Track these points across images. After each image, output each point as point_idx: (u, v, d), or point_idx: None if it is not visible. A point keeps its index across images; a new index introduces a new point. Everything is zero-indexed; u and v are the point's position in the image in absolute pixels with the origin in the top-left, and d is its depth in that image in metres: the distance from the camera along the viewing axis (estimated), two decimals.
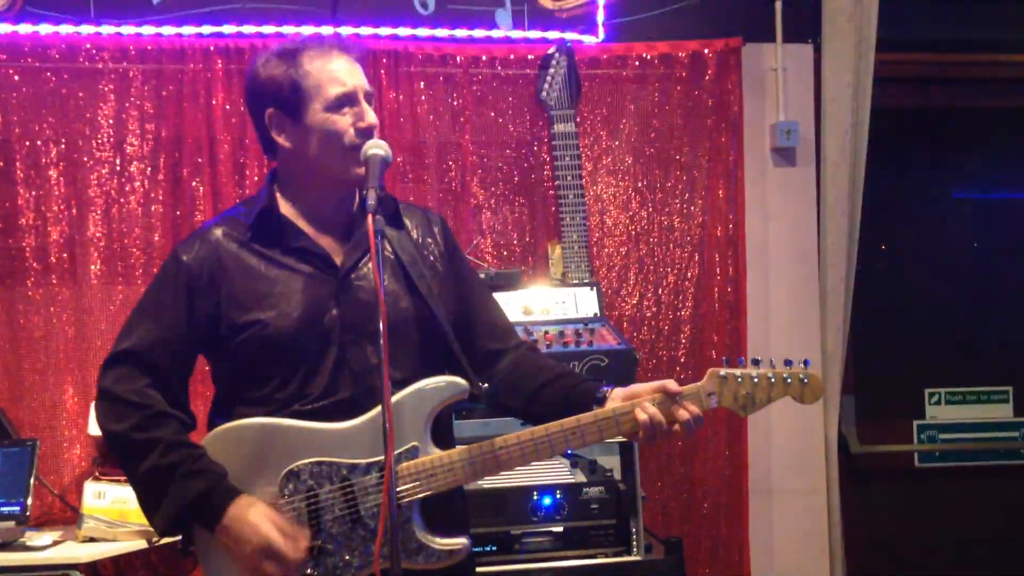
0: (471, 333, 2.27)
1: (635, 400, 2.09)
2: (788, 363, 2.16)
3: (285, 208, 2.22)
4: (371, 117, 2.16)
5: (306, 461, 2.08)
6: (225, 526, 2.03)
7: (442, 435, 2.16)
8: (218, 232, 2.20)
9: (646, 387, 2.12)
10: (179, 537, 2.16)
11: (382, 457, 2.01)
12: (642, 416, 2.07)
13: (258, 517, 2.02)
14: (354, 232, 2.20)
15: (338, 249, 2.19)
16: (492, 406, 2.26)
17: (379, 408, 2.01)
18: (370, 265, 2.08)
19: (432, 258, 2.26)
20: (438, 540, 2.07)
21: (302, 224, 2.20)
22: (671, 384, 2.10)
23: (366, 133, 2.14)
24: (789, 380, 2.14)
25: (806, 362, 2.16)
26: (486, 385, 2.16)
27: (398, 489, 2.03)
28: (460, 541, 2.09)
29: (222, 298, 2.13)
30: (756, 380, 2.13)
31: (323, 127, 2.14)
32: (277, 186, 2.25)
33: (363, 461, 2.07)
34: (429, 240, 2.28)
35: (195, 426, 2.20)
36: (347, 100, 2.15)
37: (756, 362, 2.16)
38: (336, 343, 2.11)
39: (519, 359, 2.27)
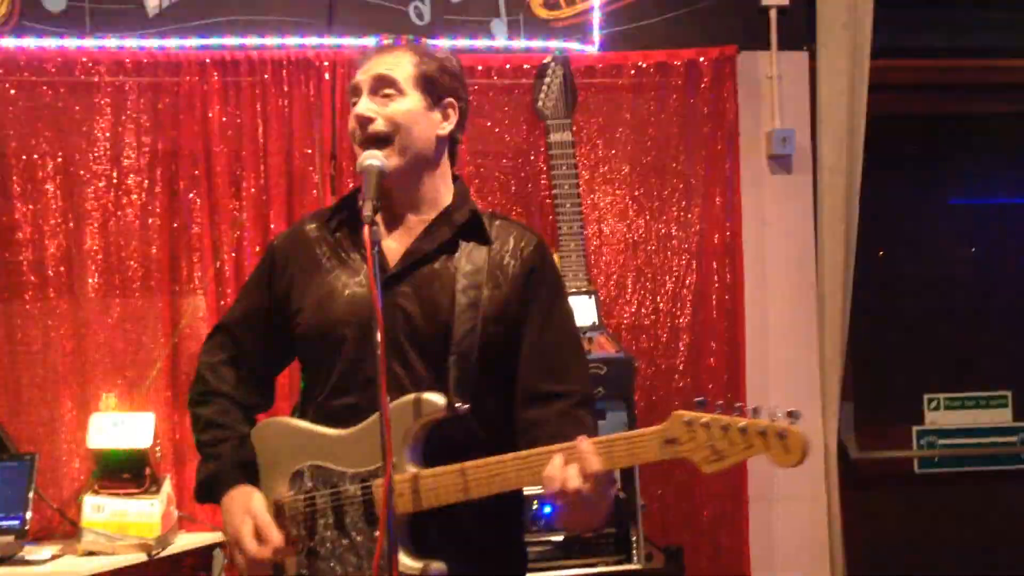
0: (517, 364, 2.12)
1: (550, 449, 1.91)
2: (791, 414, 1.79)
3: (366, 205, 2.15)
4: (358, 107, 2.11)
5: (308, 463, 2.11)
6: (222, 508, 2.14)
7: (452, 457, 2.02)
8: (309, 221, 2.26)
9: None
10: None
11: (364, 469, 2.03)
12: (545, 471, 1.89)
13: (238, 508, 2.09)
14: (423, 237, 2.14)
15: (399, 252, 2.14)
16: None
17: (373, 418, 2.00)
18: (421, 271, 2.11)
19: (501, 276, 2.13)
20: (403, 560, 1.96)
21: (380, 222, 2.12)
22: (581, 442, 1.88)
23: (361, 123, 2.11)
24: (764, 434, 1.78)
25: (794, 414, 1.78)
26: (466, 406, 2.04)
27: (373, 503, 2.02)
28: (416, 565, 1.96)
29: (289, 285, 2.20)
30: (726, 429, 1.79)
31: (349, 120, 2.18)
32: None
33: (350, 471, 2.06)
34: (509, 259, 2.14)
35: (266, 407, 2.30)
36: (354, 93, 2.15)
37: (737, 408, 1.81)
38: (355, 345, 2.08)
39: (551, 415, 2.08)
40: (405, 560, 1.97)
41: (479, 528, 2.08)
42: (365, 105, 2.11)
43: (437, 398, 2.01)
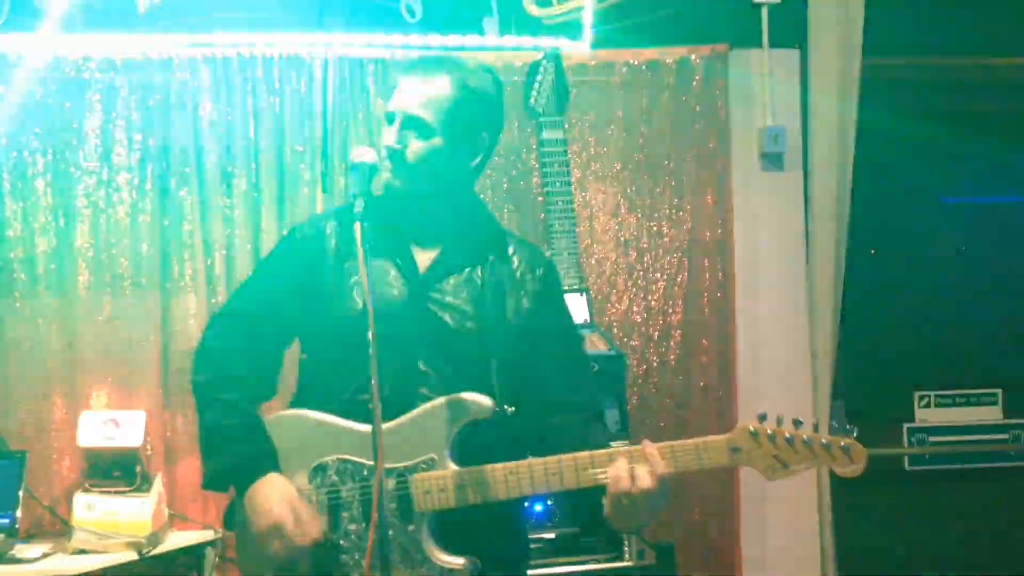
0: (535, 378, 2.24)
1: (615, 451, 2.06)
2: (832, 429, 1.98)
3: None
4: (386, 139, 2.18)
5: (334, 457, 2.14)
6: (251, 494, 2.11)
7: (488, 457, 2.13)
8: (332, 215, 2.29)
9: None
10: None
11: (401, 464, 2.09)
12: (610, 470, 2.03)
13: (278, 495, 2.09)
14: (452, 249, 2.24)
15: (428, 260, 2.23)
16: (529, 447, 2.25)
17: (408, 415, 2.10)
18: (451, 282, 2.20)
19: (523, 293, 2.26)
20: (440, 555, 2.08)
21: (407, 226, 2.25)
22: (648, 446, 2.04)
23: (387, 153, 2.18)
24: (828, 447, 1.96)
25: (851, 430, 1.98)
26: (511, 409, 2.15)
27: (410, 498, 2.09)
28: (459, 561, 2.08)
29: (313, 277, 2.22)
30: (790, 440, 1.97)
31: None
32: None
33: (385, 466, 2.07)
34: (529, 277, 2.28)
35: (270, 396, 2.29)
36: (389, 118, 2.21)
37: (798, 423, 1.97)
38: (393, 341, 2.10)
39: (571, 425, 2.22)
40: (441, 555, 2.07)
41: (494, 523, 2.17)
42: (394, 136, 2.18)
43: (484, 399, 2.10)
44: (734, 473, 4.01)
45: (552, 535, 3.15)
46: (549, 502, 3.16)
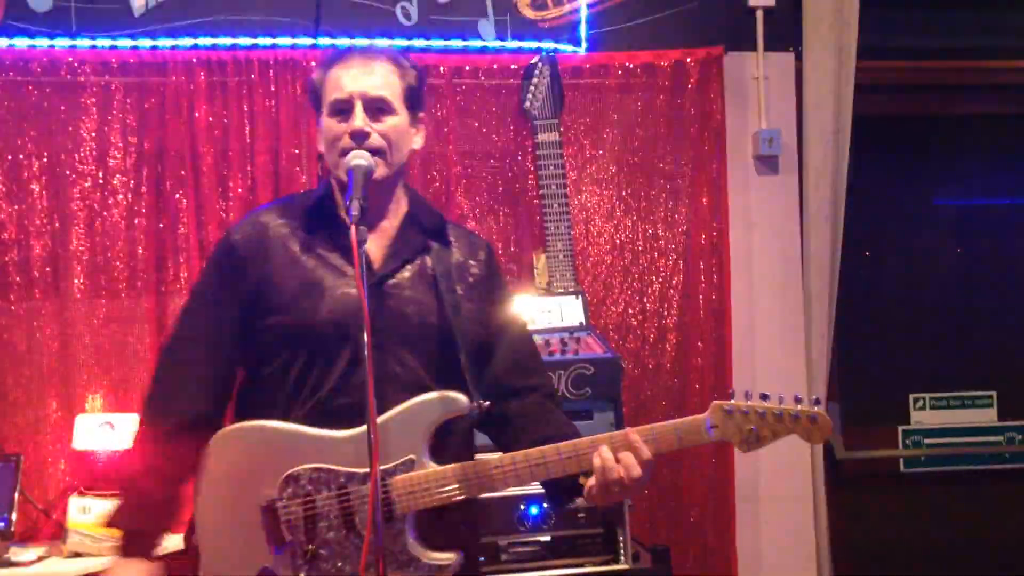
0: (491, 362, 2.25)
1: (597, 439, 2.08)
2: (798, 399, 2.09)
3: (340, 206, 2.23)
4: (356, 122, 2.15)
5: (306, 466, 2.09)
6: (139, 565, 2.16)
7: (455, 449, 2.15)
8: (270, 215, 2.25)
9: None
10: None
11: (380, 467, 2.04)
12: (596, 460, 2.05)
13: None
14: (399, 240, 2.23)
15: (380, 254, 2.21)
16: (483, 428, 2.26)
17: (383, 417, 2.07)
18: (406, 275, 2.18)
19: (470, 279, 2.26)
20: (428, 554, 2.08)
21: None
22: (631, 432, 2.09)
23: (356, 137, 2.15)
24: (798, 417, 2.07)
25: (816, 400, 2.09)
26: (487, 403, 2.14)
27: (392, 501, 2.06)
28: (449, 556, 2.09)
29: (261, 280, 2.17)
30: (763, 415, 2.08)
31: (326, 130, 2.21)
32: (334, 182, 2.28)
33: (361, 470, 2.07)
34: (472, 263, 2.29)
35: (217, 419, 2.21)
36: (343, 106, 2.17)
37: (764, 396, 2.09)
38: (354, 346, 2.08)
39: (532, 408, 2.25)
40: (429, 553, 2.07)
41: (465, 523, 2.20)
42: (362, 119, 2.16)
43: (460, 396, 2.10)
44: (729, 475, 4.01)
45: (548, 537, 3.15)
46: (545, 505, 3.15)
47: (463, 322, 2.18)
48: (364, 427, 2.05)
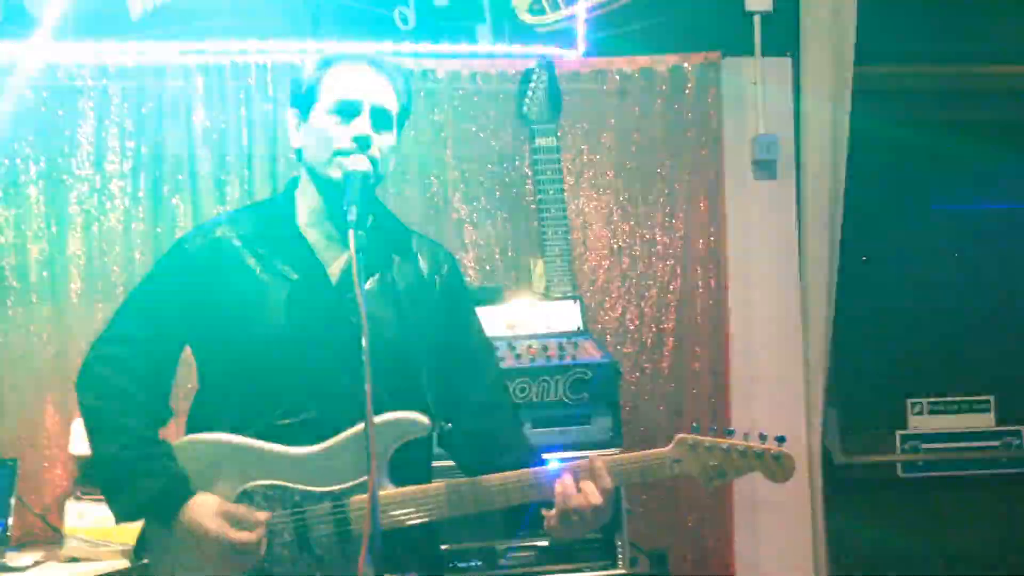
0: (451, 380, 2.20)
1: (561, 468, 2.05)
2: (763, 438, 2.08)
3: (301, 215, 2.20)
4: (364, 126, 2.10)
5: (261, 483, 2.05)
6: (183, 524, 2.03)
7: (414, 469, 2.11)
8: (223, 227, 2.19)
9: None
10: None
11: (337, 487, 2.03)
12: (557, 487, 2.03)
13: (207, 513, 2.01)
14: (366, 249, 2.13)
15: (340, 264, 2.15)
16: (446, 447, 2.24)
17: (342, 436, 2.02)
18: (365, 286, 2.05)
19: (430, 293, 2.21)
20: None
21: (310, 232, 2.17)
22: (595, 460, 2.05)
23: (360, 141, 2.10)
24: (762, 455, 2.07)
25: (780, 439, 2.08)
26: (448, 424, 2.11)
27: (350, 521, 2.02)
28: None
29: (213, 293, 2.12)
30: (727, 451, 2.07)
31: (320, 128, 2.13)
32: (297, 191, 2.23)
33: (317, 489, 2.04)
34: (436, 277, 2.24)
35: (167, 421, 2.19)
36: (349, 108, 2.12)
37: (729, 432, 2.10)
38: (313, 359, 2.06)
39: (494, 428, 2.23)
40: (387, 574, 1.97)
41: (427, 543, 2.16)
42: (367, 127, 2.11)
43: (421, 417, 2.05)
44: None
45: (545, 543, 3.15)
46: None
47: (423, 338, 2.14)
48: (324, 444, 2.04)
